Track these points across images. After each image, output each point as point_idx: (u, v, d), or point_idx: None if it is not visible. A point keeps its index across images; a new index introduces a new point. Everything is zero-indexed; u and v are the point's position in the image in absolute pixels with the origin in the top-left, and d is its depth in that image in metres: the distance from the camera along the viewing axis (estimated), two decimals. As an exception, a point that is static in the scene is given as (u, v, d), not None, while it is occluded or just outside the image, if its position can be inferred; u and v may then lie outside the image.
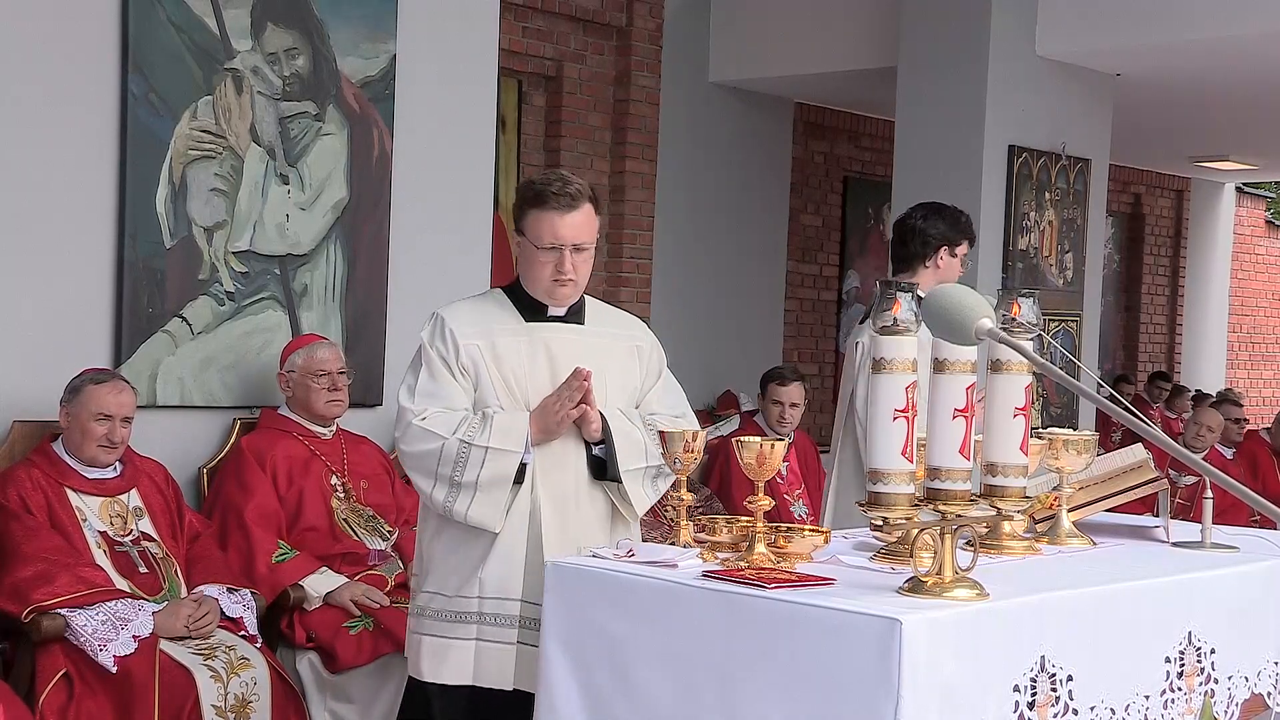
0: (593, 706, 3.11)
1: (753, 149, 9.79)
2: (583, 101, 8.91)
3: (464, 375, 3.80)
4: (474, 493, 3.72)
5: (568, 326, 3.88)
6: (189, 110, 5.35)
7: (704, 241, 9.51)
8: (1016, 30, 8.16)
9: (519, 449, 3.72)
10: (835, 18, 9.00)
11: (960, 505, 2.98)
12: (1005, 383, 3.21)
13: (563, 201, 3.75)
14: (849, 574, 3.15)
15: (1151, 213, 14.44)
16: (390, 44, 5.94)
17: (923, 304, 2.81)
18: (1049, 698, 2.96)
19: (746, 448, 3.33)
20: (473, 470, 3.70)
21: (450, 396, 3.79)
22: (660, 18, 9.13)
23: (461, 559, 3.81)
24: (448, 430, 3.73)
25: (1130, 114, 9.40)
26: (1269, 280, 16.77)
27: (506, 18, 7.60)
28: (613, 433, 3.81)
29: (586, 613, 3.15)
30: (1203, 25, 7.74)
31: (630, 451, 3.84)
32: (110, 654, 4.32)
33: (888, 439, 2.93)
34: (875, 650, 2.70)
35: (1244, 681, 3.49)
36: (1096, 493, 3.95)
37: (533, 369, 3.82)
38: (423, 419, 3.75)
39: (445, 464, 3.71)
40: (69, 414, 4.72)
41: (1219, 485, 2.25)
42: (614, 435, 3.81)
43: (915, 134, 8.28)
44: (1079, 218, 8.86)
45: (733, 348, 9.68)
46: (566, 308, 3.89)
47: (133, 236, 5.22)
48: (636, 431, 3.86)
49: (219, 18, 5.43)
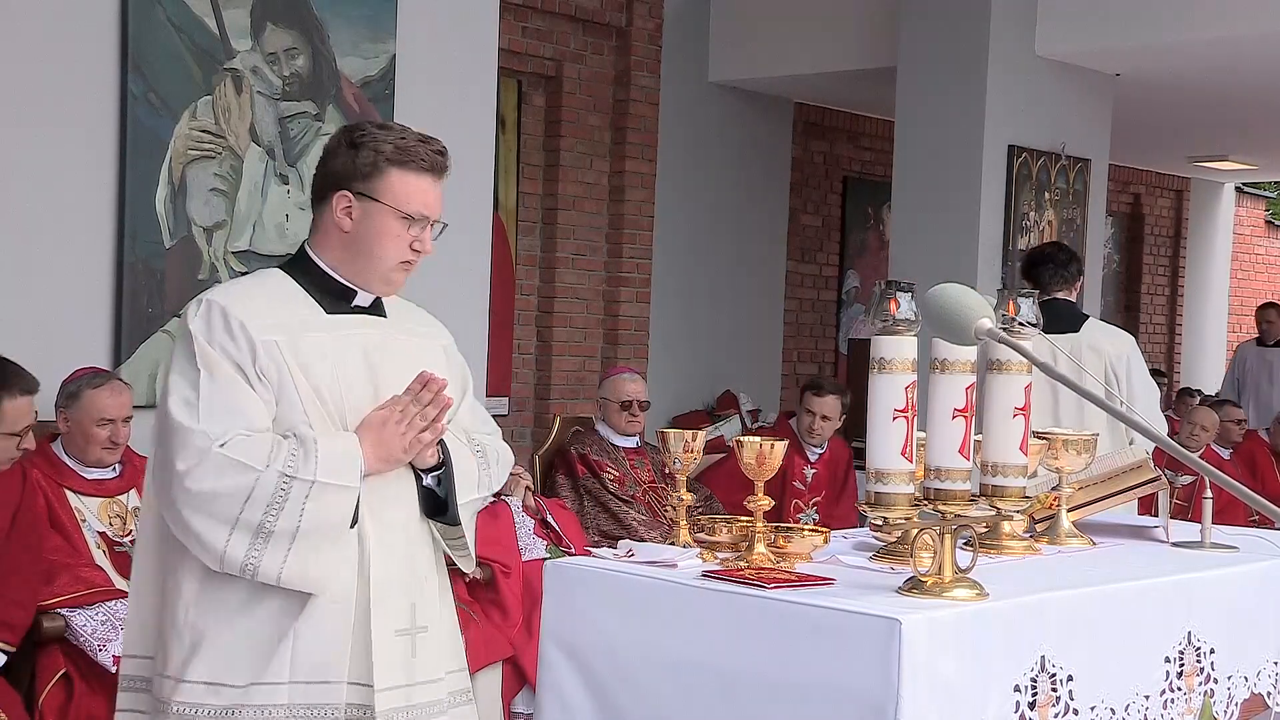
0: (592, 707, 3.11)
1: (752, 149, 9.79)
2: (582, 101, 8.91)
3: (262, 383, 2.84)
4: (290, 543, 2.75)
5: (372, 320, 3.03)
6: (189, 110, 5.35)
7: (704, 241, 9.51)
8: (1016, 30, 8.16)
9: (355, 483, 2.81)
10: (835, 18, 9.00)
11: (960, 505, 2.98)
12: (1005, 383, 3.21)
13: (438, 164, 2.99)
14: (849, 574, 3.15)
15: (1151, 213, 14.44)
16: (390, 44, 5.94)
17: (923, 304, 2.81)
18: (1049, 697, 2.96)
19: (747, 448, 3.33)
20: (292, 513, 2.75)
21: (249, 412, 2.81)
22: (660, 18, 9.13)
23: (254, 634, 2.82)
24: (261, 461, 2.76)
25: (1130, 114, 9.40)
26: (1269, 280, 16.76)
27: (506, 18, 7.60)
28: (452, 458, 3.00)
29: (586, 613, 3.14)
30: (1203, 25, 7.74)
31: (465, 483, 3.04)
32: (110, 654, 4.31)
33: (887, 439, 2.93)
34: (875, 650, 2.70)
35: (1244, 681, 3.49)
36: (1096, 493, 3.95)
37: (348, 376, 2.92)
38: (222, 445, 2.75)
39: (255, 506, 2.74)
40: (68, 419, 4.71)
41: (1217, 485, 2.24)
42: (453, 461, 3.00)
43: (915, 134, 8.28)
44: (1079, 218, 8.86)
45: (732, 348, 9.68)
46: (374, 297, 3.05)
47: (132, 236, 5.22)
48: (469, 457, 3.06)
49: (219, 18, 5.43)
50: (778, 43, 9.20)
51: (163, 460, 2.80)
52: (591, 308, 9.05)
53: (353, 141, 2.93)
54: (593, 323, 9.06)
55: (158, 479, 2.84)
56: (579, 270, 8.96)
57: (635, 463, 6.47)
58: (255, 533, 2.74)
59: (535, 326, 8.88)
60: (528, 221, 8.81)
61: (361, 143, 2.92)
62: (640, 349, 9.14)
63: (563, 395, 8.87)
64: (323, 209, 2.98)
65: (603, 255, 9.07)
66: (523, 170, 8.74)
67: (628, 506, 6.28)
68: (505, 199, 8.49)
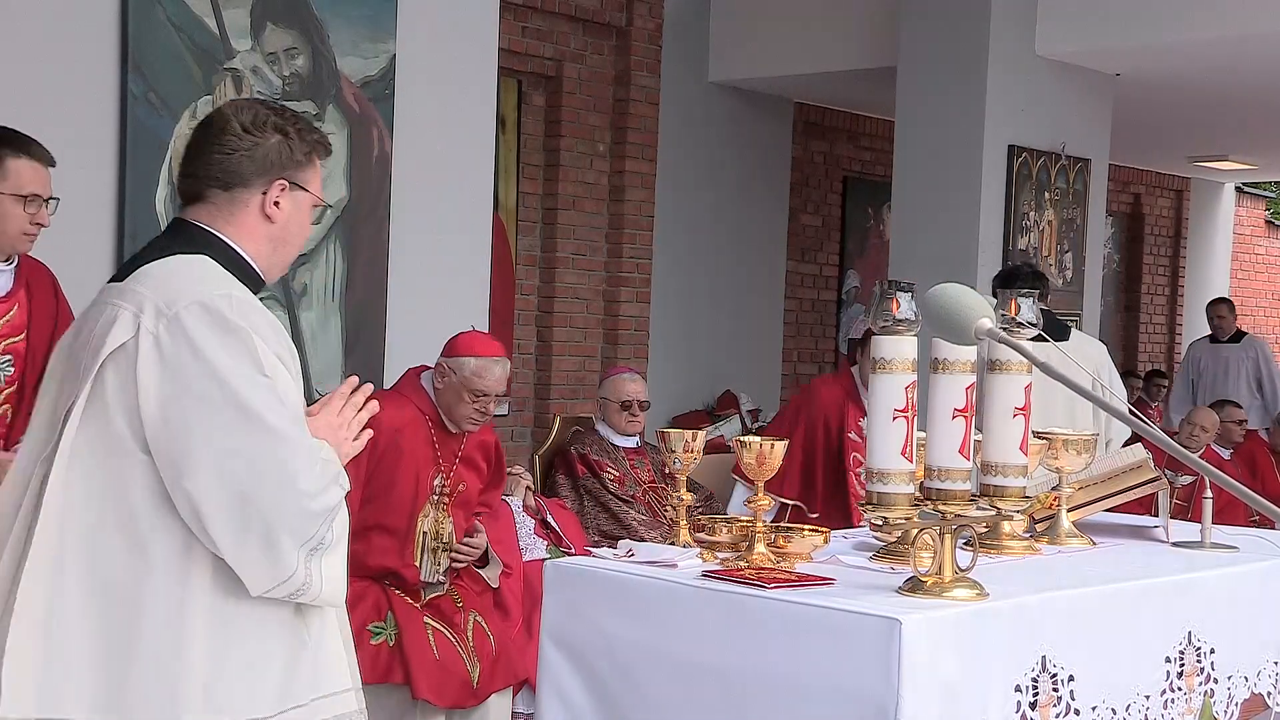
0: (592, 707, 3.11)
1: (752, 149, 9.79)
2: (583, 101, 8.91)
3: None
4: (336, 551, 2.55)
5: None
6: (189, 110, 5.35)
7: (704, 241, 9.51)
8: (1016, 30, 8.16)
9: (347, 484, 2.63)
10: (835, 18, 9.00)
11: (960, 505, 2.98)
12: (1004, 383, 3.21)
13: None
14: (849, 574, 3.16)
15: (1151, 213, 14.44)
16: (390, 44, 5.94)
17: (923, 304, 2.81)
18: (1050, 697, 2.96)
19: (747, 448, 3.33)
20: (340, 520, 2.55)
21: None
22: (660, 18, 9.13)
23: (269, 656, 2.52)
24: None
25: (1130, 114, 9.40)
26: (1269, 280, 16.76)
27: (506, 18, 7.60)
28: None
29: (586, 613, 3.15)
30: (1203, 25, 7.74)
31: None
32: None
33: (887, 439, 2.93)
34: (875, 650, 2.70)
35: (1244, 681, 3.49)
36: (1096, 493, 3.96)
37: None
38: (324, 451, 2.55)
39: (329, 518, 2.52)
40: None
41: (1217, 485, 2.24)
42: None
43: (915, 134, 8.28)
44: (1079, 217, 8.86)
45: (732, 348, 9.68)
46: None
47: (133, 236, 5.23)
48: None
49: (219, 18, 5.43)
50: (778, 43, 9.20)
51: (259, 473, 2.43)
52: (591, 308, 9.05)
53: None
54: (593, 323, 9.06)
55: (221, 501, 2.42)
56: (579, 270, 8.96)
57: (635, 463, 6.47)
58: (315, 545, 2.49)
59: (535, 326, 8.88)
60: (528, 221, 8.81)
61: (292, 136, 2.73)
62: (640, 349, 9.14)
63: (563, 395, 8.87)
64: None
65: (603, 255, 9.07)
66: (523, 170, 8.74)
67: (628, 506, 6.28)
68: (505, 199, 8.49)
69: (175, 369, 2.44)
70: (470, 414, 4.57)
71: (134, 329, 2.47)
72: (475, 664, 4.54)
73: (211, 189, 2.64)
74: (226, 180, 2.64)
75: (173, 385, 2.43)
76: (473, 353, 4.58)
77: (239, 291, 2.56)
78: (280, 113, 2.71)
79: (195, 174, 2.65)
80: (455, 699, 4.49)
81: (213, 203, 2.64)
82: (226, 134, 2.64)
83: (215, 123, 2.67)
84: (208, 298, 2.49)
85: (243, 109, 2.68)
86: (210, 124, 2.68)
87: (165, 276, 2.55)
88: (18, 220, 3.82)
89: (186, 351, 2.44)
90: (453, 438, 4.66)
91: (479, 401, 4.56)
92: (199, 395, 2.42)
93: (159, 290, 2.51)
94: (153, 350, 2.45)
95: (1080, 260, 8.91)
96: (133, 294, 2.52)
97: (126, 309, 2.49)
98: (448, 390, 4.58)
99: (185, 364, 2.44)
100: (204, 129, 2.68)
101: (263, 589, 2.46)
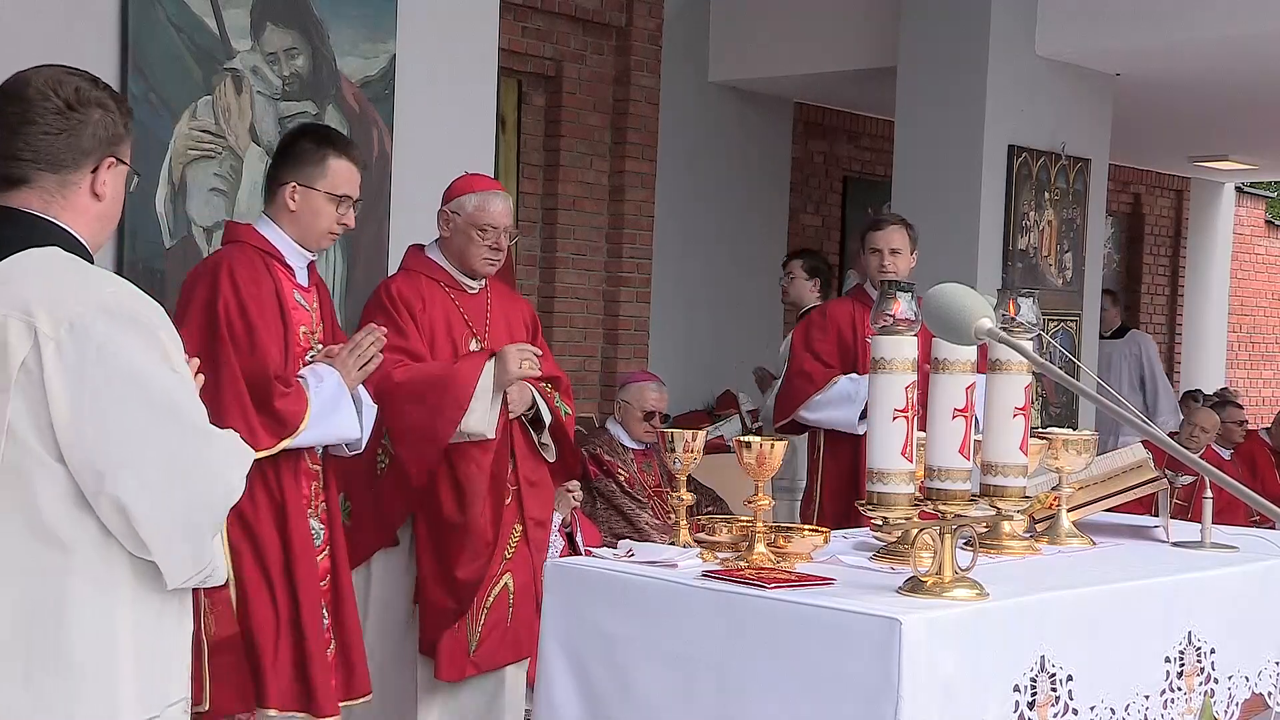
0: (592, 706, 3.11)
1: (752, 149, 9.79)
2: (582, 101, 8.91)
3: None
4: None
5: None
6: (189, 110, 5.35)
7: (704, 241, 9.51)
8: (1016, 30, 8.16)
9: None
10: (835, 18, 9.00)
11: (960, 505, 2.98)
12: (1005, 383, 3.21)
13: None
14: (849, 574, 3.16)
15: (1151, 213, 14.43)
16: (390, 44, 5.94)
17: (923, 304, 2.81)
18: (1049, 697, 2.96)
19: (747, 448, 3.33)
20: None
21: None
22: (660, 18, 9.13)
23: (179, 646, 2.58)
24: None
25: (1130, 114, 9.40)
26: (1269, 280, 16.76)
27: (506, 18, 7.60)
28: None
29: (586, 612, 3.15)
30: (1203, 25, 7.74)
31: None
32: None
33: (887, 439, 2.93)
34: (875, 650, 2.70)
35: (1244, 681, 3.49)
36: (1096, 493, 3.96)
37: None
38: (235, 439, 2.68)
39: None
40: None
41: (1217, 485, 2.25)
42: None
43: (915, 134, 8.28)
44: (1078, 218, 8.86)
45: (732, 348, 9.68)
46: None
47: (133, 236, 5.22)
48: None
49: (219, 18, 5.43)
50: (778, 43, 9.21)
51: (185, 470, 2.43)
52: (591, 308, 9.05)
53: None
54: (593, 323, 9.06)
55: None
56: (579, 270, 8.96)
57: (643, 465, 6.46)
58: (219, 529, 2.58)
59: (535, 326, 8.88)
60: (528, 221, 8.81)
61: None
62: (640, 349, 9.14)
63: (563, 395, 8.87)
64: None
65: (603, 255, 9.07)
66: (523, 170, 8.74)
67: (640, 509, 6.26)
68: (505, 199, 8.49)
69: (86, 377, 2.33)
70: (484, 253, 4.61)
71: (30, 338, 2.34)
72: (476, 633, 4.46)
73: (40, 172, 2.45)
74: (56, 162, 2.46)
75: (86, 394, 2.33)
76: (471, 190, 4.64)
77: (120, 284, 2.47)
78: (95, 83, 2.52)
79: (16, 156, 2.44)
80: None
81: (42, 186, 2.46)
82: (48, 112, 2.44)
83: (30, 98, 2.45)
84: (104, 299, 2.39)
85: (61, 82, 2.46)
86: (24, 99, 2.45)
87: (36, 276, 2.39)
88: (327, 219, 3.92)
89: (95, 358, 2.34)
90: (473, 298, 4.69)
91: (488, 235, 4.59)
92: (116, 399, 2.34)
93: (39, 291, 2.37)
94: (56, 360, 2.32)
95: (1080, 260, 8.91)
96: (8, 296, 2.37)
97: (12, 315, 2.34)
98: (455, 235, 4.63)
99: (96, 371, 2.34)
100: (16, 104, 2.45)
101: (183, 580, 2.44)
